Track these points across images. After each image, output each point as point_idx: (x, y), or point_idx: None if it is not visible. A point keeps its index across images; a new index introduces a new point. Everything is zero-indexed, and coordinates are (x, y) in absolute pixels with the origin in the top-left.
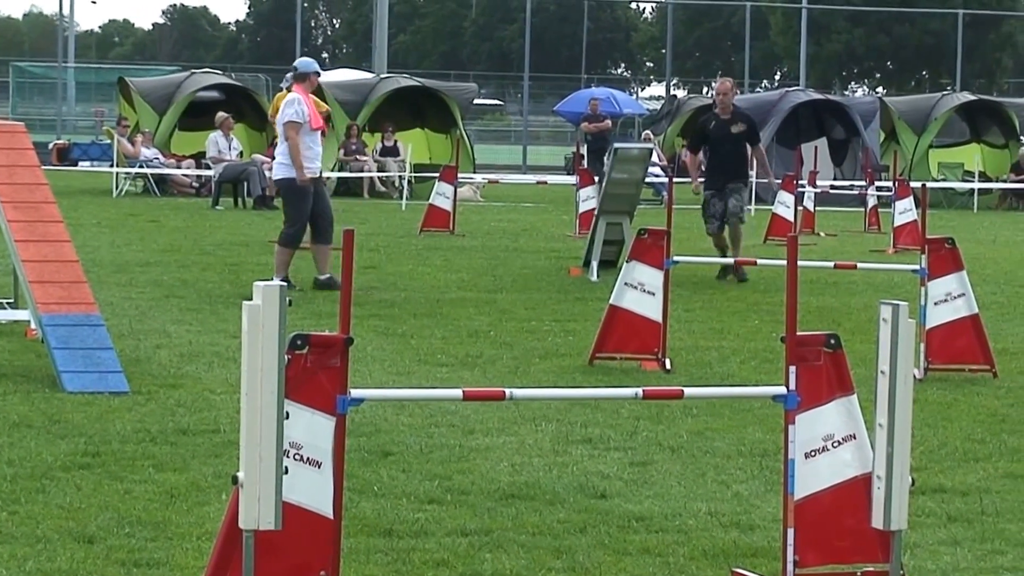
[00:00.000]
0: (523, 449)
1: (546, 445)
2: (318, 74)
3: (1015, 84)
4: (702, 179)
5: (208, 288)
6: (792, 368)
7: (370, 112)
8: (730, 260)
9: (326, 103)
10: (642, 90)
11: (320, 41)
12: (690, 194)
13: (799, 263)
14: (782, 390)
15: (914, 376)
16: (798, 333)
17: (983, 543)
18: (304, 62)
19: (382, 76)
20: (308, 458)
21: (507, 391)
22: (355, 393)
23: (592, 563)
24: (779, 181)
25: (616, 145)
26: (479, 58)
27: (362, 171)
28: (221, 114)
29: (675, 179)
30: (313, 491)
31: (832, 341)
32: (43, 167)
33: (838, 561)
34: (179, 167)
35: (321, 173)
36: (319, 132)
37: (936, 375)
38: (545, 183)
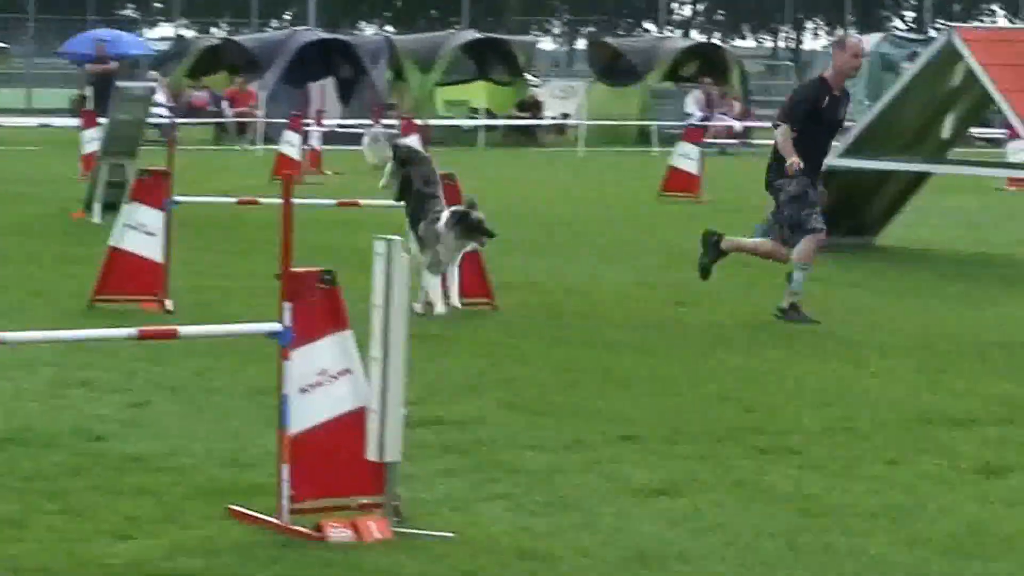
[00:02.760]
0: (19, 394)
1: (42, 389)
2: None
3: (520, 22)
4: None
5: None
6: (287, 305)
7: None
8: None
9: None
10: (150, 30)
11: None
12: (196, 134)
13: (303, 201)
14: (277, 327)
15: (413, 309)
16: (293, 270)
17: (478, 472)
18: None
19: None
20: None
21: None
22: None
23: (85, 505)
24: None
25: (118, 84)
26: None
27: None
28: None
29: (179, 120)
30: None
31: (327, 277)
32: None
33: (334, 494)
34: None
35: None
36: None
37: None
38: (48, 126)
